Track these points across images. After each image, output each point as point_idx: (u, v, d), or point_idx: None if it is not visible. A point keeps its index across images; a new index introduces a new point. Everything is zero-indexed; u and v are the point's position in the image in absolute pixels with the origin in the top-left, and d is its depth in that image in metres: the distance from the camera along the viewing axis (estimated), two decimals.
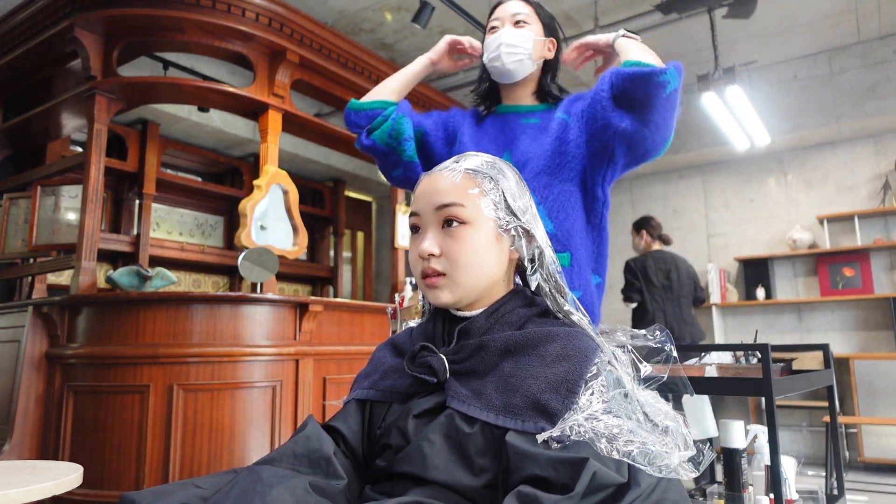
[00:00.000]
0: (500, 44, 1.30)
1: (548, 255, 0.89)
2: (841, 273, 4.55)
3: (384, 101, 1.37)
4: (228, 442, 2.38)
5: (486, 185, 0.87)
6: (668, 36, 4.18)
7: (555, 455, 0.66)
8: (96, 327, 2.49)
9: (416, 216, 0.89)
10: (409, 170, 1.36)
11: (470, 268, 0.84)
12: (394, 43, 4.37)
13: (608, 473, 0.64)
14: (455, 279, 0.84)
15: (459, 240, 0.84)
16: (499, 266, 0.87)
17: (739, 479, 1.59)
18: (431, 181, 0.88)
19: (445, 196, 0.85)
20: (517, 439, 0.71)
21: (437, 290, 0.85)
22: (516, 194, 0.89)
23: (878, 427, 4.07)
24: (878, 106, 4.28)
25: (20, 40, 3.06)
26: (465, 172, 0.87)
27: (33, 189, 2.98)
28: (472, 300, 0.86)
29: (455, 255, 0.84)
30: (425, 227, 0.87)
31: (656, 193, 5.47)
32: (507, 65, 1.31)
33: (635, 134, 1.19)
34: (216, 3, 2.81)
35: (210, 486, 0.75)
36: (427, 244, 0.85)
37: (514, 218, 0.87)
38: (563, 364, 0.75)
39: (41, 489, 1.44)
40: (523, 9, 1.34)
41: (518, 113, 1.37)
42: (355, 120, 1.36)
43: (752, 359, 1.76)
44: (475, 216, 0.85)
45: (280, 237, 3.01)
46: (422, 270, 0.86)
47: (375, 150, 1.36)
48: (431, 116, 1.42)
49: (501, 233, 0.87)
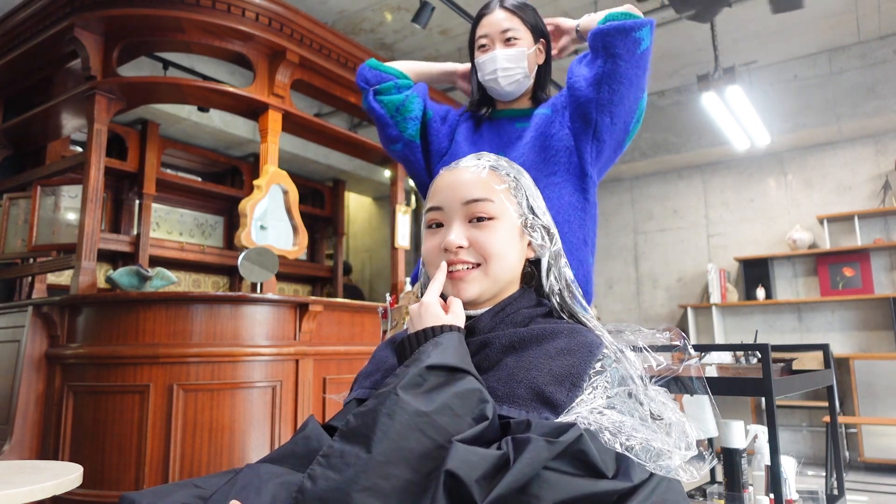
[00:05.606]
0: (495, 68, 1.30)
1: (562, 255, 0.90)
2: (841, 273, 4.55)
3: (400, 71, 1.40)
4: (228, 442, 2.38)
5: (511, 183, 0.88)
6: (669, 36, 4.19)
7: (551, 423, 0.67)
8: (96, 327, 2.49)
9: (437, 210, 0.88)
10: (409, 149, 1.38)
11: (501, 259, 0.84)
12: (394, 43, 4.37)
13: (594, 452, 0.62)
14: (486, 271, 0.84)
15: (489, 230, 0.84)
16: (519, 263, 0.88)
17: (739, 479, 1.59)
18: (455, 175, 0.88)
19: (474, 191, 0.85)
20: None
21: (466, 283, 0.84)
22: (535, 194, 0.91)
23: (878, 427, 4.06)
24: (878, 106, 4.28)
25: (20, 40, 3.06)
26: (490, 168, 0.88)
27: (33, 189, 2.97)
28: (492, 295, 0.86)
29: (486, 246, 0.84)
30: (450, 221, 0.86)
31: (656, 193, 5.47)
32: (505, 87, 1.32)
33: (613, 96, 1.20)
34: (216, 3, 2.81)
35: (210, 486, 0.75)
36: (454, 236, 0.84)
37: (536, 217, 0.88)
38: (566, 358, 0.75)
39: (41, 489, 1.44)
40: (511, 21, 1.32)
41: (512, 118, 1.37)
42: (367, 75, 1.39)
43: (752, 359, 1.76)
44: (502, 211, 0.85)
45: (280, 237, 3.01)
46: (449, 263, 0.85)
47: (378, 115, 1.38)
48: (443, 109, 1.44)
49: (525, 230, 0.87)
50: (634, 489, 0.63)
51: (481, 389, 0.70)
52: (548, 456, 0.60)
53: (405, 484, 0.61)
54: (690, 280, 5.23)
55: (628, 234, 5.57)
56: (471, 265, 0.85)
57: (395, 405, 0.65)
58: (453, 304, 0.82)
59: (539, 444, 0.60)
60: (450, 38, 4.24)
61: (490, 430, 0.67)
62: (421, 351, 0.73)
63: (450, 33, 4.11)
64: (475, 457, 0.60)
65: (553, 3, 3.82)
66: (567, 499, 0.59)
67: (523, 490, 0.59)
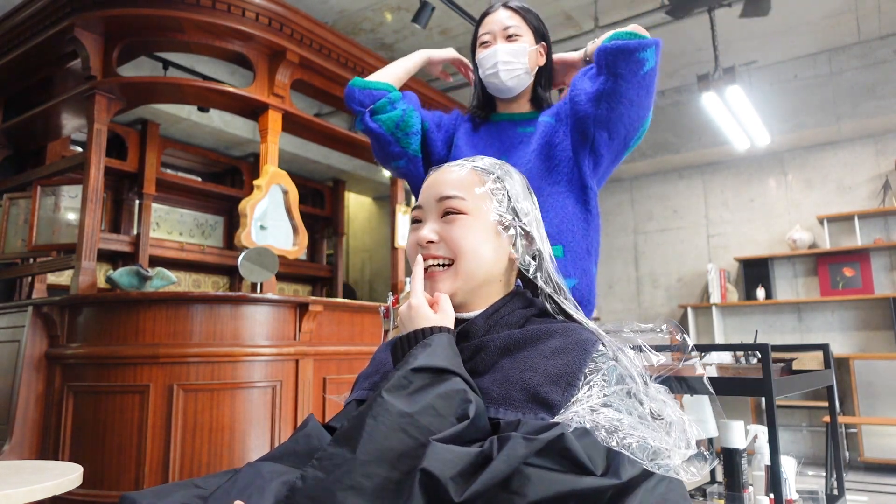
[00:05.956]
0: (496, 62, 1.30)
1: (547, 258, 0.89)
2: (841, 273, 4.55)
3: (388, 84, 1.37)
4: (228, 442, 2.38)
5: (492, 183, 0.88)
6: (669, 36, 4.19)
7: (538, 422, 0.67)
8: (96, 327, 2.49)
9: (418, 209, 0.90)
10: (412, 163, 1.37)
11: (469, 254, 0.84)
12: (394, 43, 4.37)
13: (580, 449, 0.62)
14: (457, 269, 0.84)
15: (458, 225, 0.85)
16: (496, 262, 0.87)
17: (739, 479, 1.59)
18: (437, 175, 0.90)
19: (448, 189, 0.87)
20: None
21: (438, 281, 0.85)
22: (520, 196, 0.90)
23: (878, 427, 4.06)
24: (878, 106, 4.28)
25: (20, 40, 3.06)
26: (472, 169, 0.89)
27: (33, 189, 2.98)
28: (468, 294, 0.86)
29: (455, 241, 0.84)
30: (426, 219, 0.89)
31: (656, 193, 5.47)
32: (506, 82, 1.32)
33: (612, 114, 1.19)
34: (216, 3, 2.81)
35: (210, 486, 0.76)
36: (425, 231, 0.87)
37: (516, 218, 0.88)
38: (561, 357, 0.75)
39: (41, 489, 1.44)
40: (513, 20, 1.33)
41: (514, 122, 1.37)
42: (359, 98, 1.35)
43: (752, 359, 1.76)
44: (474, 208, 0.86)
45: (280, 237, 3.01)
46: (424, 257, 0.86)
47: (378, 135, 1.34)
48: (436, 115, 1.43)
49: (501, 230, 0.87)
50: (626, 486, 0.62)
51: (466, 390, 0.70)
52: (525, 453, 0.61)
53: (385, 482, 0.62)
54: (690, 280, 5.24)
55: (628, 235, 5.58)
56: (444, 262, 0.85)
57: (380, 407, 0.66)
58: (441, 300, 0.83)
59: (517, 441, 0.61)
60: (450, 38, 4.24)
61: (471, 430, 0.68)
62: (410, 354, 0.73)
63: (450, 33, 4.11)
64: (451, 455, 0.61)
65: (553, 3, 3.82)
66: (550, 495, 0.59)
67: (505, 486, 0.60)
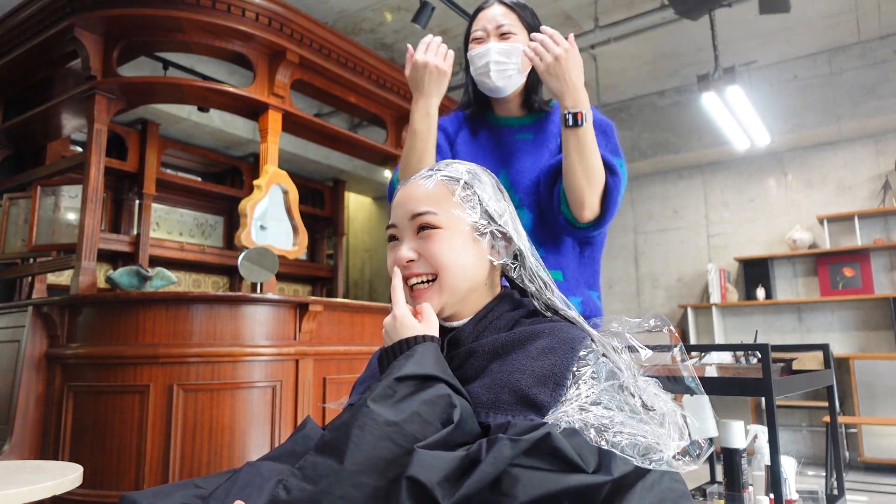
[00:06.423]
0: (488, 62, 1.27)
1: (528, 255, 0.89)
2: (841, 273, 4.55)
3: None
4: (228, 442, 2.38)
5: (461, 191, 0.87)
6: (668, 36, 4.19)
7: (527, 423, 0.67)
8: (96, 327, 2.49)
9: (393, 227, 0.89)
10: None
11: (450, 268, 0.83)
12: (394, 43, 4.37)
13: (568, 448, 0.62)
14: (442, 284, 0.84)
15: (435, 241, 0.84)
16: (478, 269, 0.86)
17: (739, 479, 1.59)
18: (406, 191, 0.89)
19: (419, 205, 0.85)
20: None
21: (425, 300, 0.84)
22: (492, 198, 0.89)
23: (878, 427, 4.06)
24: (878, 106, 4.28)
25: (20, 40, 3.06)
26: (439, 180, 0.87)
27: (33, 189, 2.97)
28: (455, 305, 0.86)
29: (434, 256, 0.84)
30: (402, 237, 0.88)
31: (656, 193, 5.47)
32: (496, 82, 1.28)
33: (588, 235, 1.28)
34: (216, 3, 2.81)
35: (210, 486, 0.76)
36: (403, 251, 0.86)
37: (491, 221, 0.87)
38: (549, 357, 0.75)
39: (41, 489, 1.44)
40: (507, 17, 1.29)
41: (512, 127, 1.35)
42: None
43: (752, 359, 1.76)
44: (448, 221, 0.85)
45: (280, 237, 3.01)
46: (406, 276, 0.86)
47: None
48: (441, 122, 1.39)
49: (478, 237, 0.86)
50: (622, 484, 0.61)
51: (450, 394, 0.70)
52: (511, 454, 0.61)
53: (374, 491, 0.62)
54: (690, 280, 5.23)
55: (628, 234, 5.57)
56: (427, 278, 0.85)
57: (366, 417, 0.66)
58: (425, 310, 0.83)
59: (503, 443, 0.61)
60: (450, 38, 4.23)
61: (458, 434, 0.68)
62: (394, 364, 0.73)
63: (450, 33, 4.10)
64: (435, 460, 0.61)
65: (553, 3, 3.82)
66: (540, 495, 0.59)
67: (495, 489, 0.60)
